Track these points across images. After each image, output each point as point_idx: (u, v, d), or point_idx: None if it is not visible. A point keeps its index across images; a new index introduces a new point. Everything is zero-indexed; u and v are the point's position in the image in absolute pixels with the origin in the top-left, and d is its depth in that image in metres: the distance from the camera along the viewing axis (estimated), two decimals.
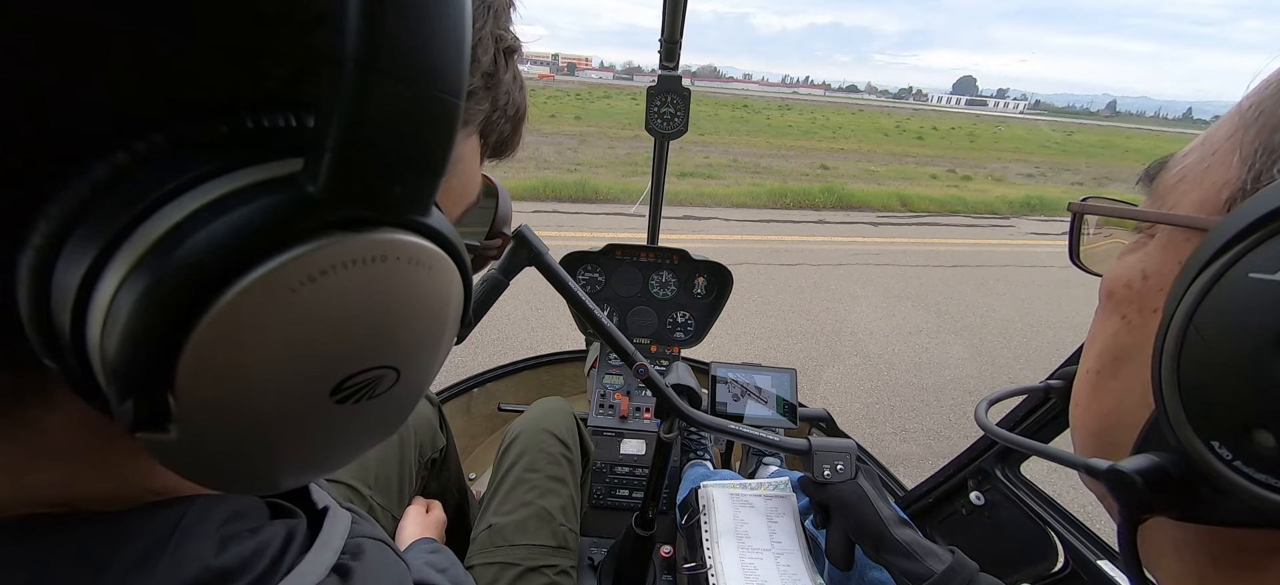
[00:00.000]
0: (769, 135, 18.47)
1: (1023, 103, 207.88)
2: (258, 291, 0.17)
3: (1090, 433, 0.29)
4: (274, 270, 0.17)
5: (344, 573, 0.28)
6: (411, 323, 0.22)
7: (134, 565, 0.21)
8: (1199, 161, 0.24)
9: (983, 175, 12.96)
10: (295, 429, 0.21)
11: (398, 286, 0.20)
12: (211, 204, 0.17)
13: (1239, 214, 0.19)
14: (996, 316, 4.28)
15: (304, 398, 0.20)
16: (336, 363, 0.20)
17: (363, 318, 0.20)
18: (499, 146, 0.33)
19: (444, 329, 0.24)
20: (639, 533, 0.99)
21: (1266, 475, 0.18)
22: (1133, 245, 0.28)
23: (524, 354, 1.75)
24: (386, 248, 0.19)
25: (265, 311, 0.17)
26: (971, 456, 1.08)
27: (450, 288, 0.23)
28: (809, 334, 3.72)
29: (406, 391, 0.25)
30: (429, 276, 0.21)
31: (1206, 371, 0.20)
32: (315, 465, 0.25)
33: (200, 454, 0.20)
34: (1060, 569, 0.95)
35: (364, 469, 0.89)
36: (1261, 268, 0.18)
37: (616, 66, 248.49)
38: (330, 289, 0.18)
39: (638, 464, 1.33)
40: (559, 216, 6.30)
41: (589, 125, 16.03)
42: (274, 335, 0.18)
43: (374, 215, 0.18)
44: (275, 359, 0.18)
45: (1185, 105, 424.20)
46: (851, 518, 0.73)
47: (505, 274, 0.68)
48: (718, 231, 6.22)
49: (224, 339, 0.17)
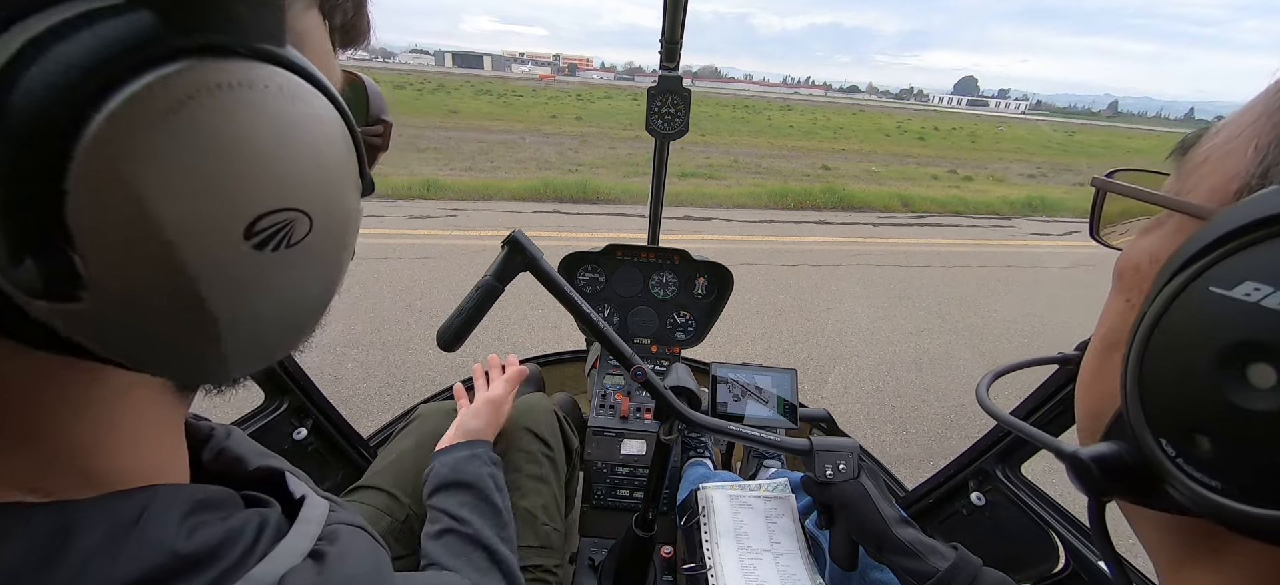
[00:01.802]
0: (770, 136, 18.47)
1: (1024, 103, 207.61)
2: (123, 119, 0.17)
3: (1087, 413, 0.29)
4: (135, 95, 0.17)
5: (319, 557, 0.28)
6: (302, 158, 0.22)
7: (96, 550, 0.21)
8: (1223, 143, 0.24)
9: (984, 176, 12.94)
10: (221, 279, 0.21)
11: (275, 118, 0.20)
12: (42, 35, 0.16)
13: (1217, 222, 0.20)
14: (998, 317, 4.27)
15: (217, 239, 0.20)
16: (237, 198, 0.20)
17: (248, 148, 0.20)
18: (347, 31, 0.33)
19: (341, 170, 0.25)
20: (639, 534, 0.98)
21: (1202, 475, 0.20)
22: (1150, 225, 0.27)
23: (524, 354, 1.75)
24: (248, 74, 0.19)
25: (138, 142, 0.17)
26: (972, 457, 1.08)
27: (332, 126, 0.24)
28: (810, 334, 3.71)
29: (326, 242, 0.25)
30: (307, 112, 0.22)
31: (1163, 373, 0.21)
32: (258, 336, 0.24)
33: (129, 324, 0.20)
34: (1060, 570, 0.95)
35: (403, 478, 0.90)
36: (1220, 282, 0.19)
37: (617, 67, 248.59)
38: (202, 115, 0.18)
39: (638, 464, 1.33)
40: (560, 217, 6.30)
41: (590, 126, 16.05)
42: (157, 167, 0.18)
43: (224, 40, 0.19)
44: (167, 195, 0.18)
45: (1187, 105, 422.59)
46: (854, 518, 0.72)
47: (499, 280, 0.67)
48: (719, 232, 6.22)
49: (104, 174, 0.17)
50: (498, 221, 5.78)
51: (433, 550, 0.69)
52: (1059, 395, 0.91)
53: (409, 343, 3.05)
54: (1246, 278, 0.18)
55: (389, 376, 2.78)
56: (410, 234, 5.07)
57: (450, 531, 0.71)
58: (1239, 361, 0.18)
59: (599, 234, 5.59)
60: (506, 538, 0.74)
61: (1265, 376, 0.17)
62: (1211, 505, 0.19)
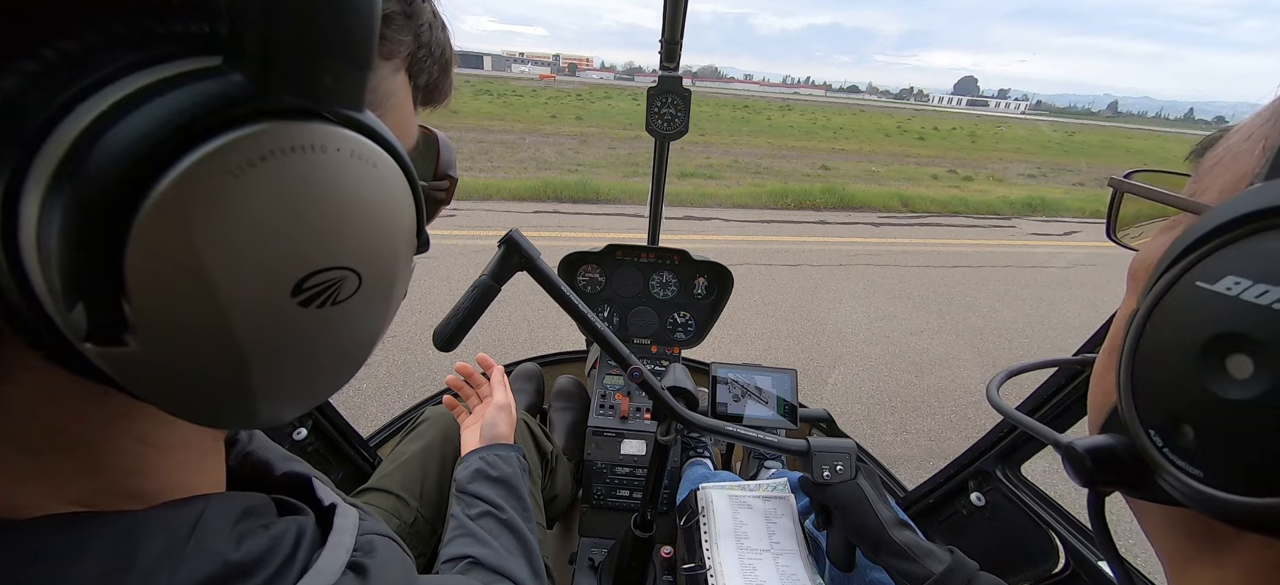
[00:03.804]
0: (770, 136, 18.46)
1: (1024, 103, 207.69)
2: (197, 176, 0.17)
3: (1098, 409, 0.29)
4: (212, 153, 0.17)
5: (360, 570, 0.28)
6: (362, 220, 0.22)
7: (158, 559, 0.22)
8: (1237, 144, 0.24)
9: (984, 176, 12.94)
10: (263, 334, 0.21)
11: (342, 180, 0.21)
12: (135, 95, 0.16)
13: (1205, 219, 0.21)
14: (998, 317, 4.27)
15: (264, 295, 0.20)
16: (292, 256, 0.20)
17: (310, 209, 0.20)
18: (430, 91, 0.35)
19: (398, 232, 0.25)
20: (638, 534, 0.98)
21: (1186, 464, 0.20)
22: (1167, 225, 0.28)
23: (524, 354, 1.75)
24: (324, 138, 0.19)
25: (208, 198, 0.17)
26: (972, 457, 1.08)
27: (397, 188, 0.24)
28: (809, 335, 3.71)
29: (372, 300, 0.25)
30: (373, 175, 0.22)
31: (1152, 366, 0.22)
32: (294, 387, 0.24)
33: (170, 371, 0.20)
34: (1060, 570, 0.95)
35: (411, 482, 0.91)
36: (1205, 277, 0.20)
37: (617, 67, 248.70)
38: (272, 176, 0.18)
39: (638, 464, 1.33)
40: (560, 217, 6.30)
41: (590, 126, 16.04)
42: (221, 223, 0.18)
43: (306, 104, 0.19)
44: (226, 250, 0.18)
45: (1187, 105, 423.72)
46: (851, 519, 0.72)
47: (496, 280, 0.67)
48: (718, 232, 6.21)
49: (169, 227, 0.17)
50: (498, 221, 5.77)
51: (471, 527, 0.73)
52: (1060, 394, 0.91)
53: (408, 342, 3.04)
54: (1229, 272, 0.19)
55: (388, 376, 2.77)
56: None
57: (488, 515, 0.74)
58: (1220, 353, 0.19)
59: (599, 234, 5.58)
60: (532, 529, 0.78)
61: (1243, 367, 0.18)
62: (1196, 494, 0.20)
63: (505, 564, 0.68)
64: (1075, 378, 0.88)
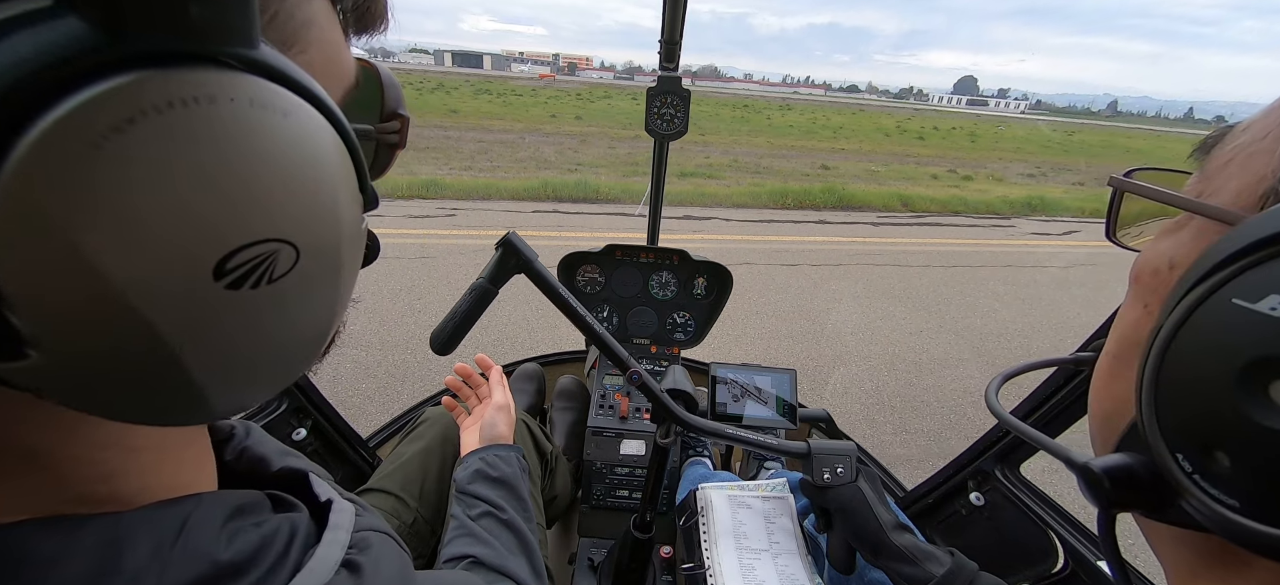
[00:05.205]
0: (769, 135, 18.47)
1: (1024, 103, 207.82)
2: (51, 150, 0.14)
3: (1101, 418, 0.28)
4: (65, 120, 0.14)
5: (354, 568, 0.28)
6: (281, 182, 0.19)
7: (145, 560, 0.21)
8: (1249, 144, 0.23)
9: (984, 175, 12.94)
10: (190, 325, 0.18)
11: (245, 136, 0.17)
12: None
13: (1241, 231, 0.19)
14: (998, 317, 4.27)
15: (180, 283, 0.17)
16: (201, 235, 0.17)
17: (208, 176, 0.17)
18: (361, 15, 0.30)
19: (331, 190, 0.21)
20: (637, 535, 0.98)
21: (1219, 492, 0.19)
22: (1171, 226, 0.26)
23: (524, 354, 1.75)
24: (207, 86, 0.16)
25: (68, 182, 0.14)
26: (971, 457, 1.08)
27: (320, 138, 0.20)
28: (809, 335, 3.71)
29: (317, 271, 0.22)
30: (285, 125, 0.19)
31: (1182, 386, 0.20)
32: (249, 372, 0.22)
33: (92, 376, 0.17)
34: (1060, 570, 0.95)
35: (411, 482, 0.90)
36: (1244, 295, 0.18)
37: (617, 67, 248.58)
38: (149, 141, 0.15)
39: (637, 464, 1.33)
40: (559, 217, 6.30)
41: (590, 125, 16.04)
42: (95, 209, 0.15)
43: (180, 47, 0.16)
44: (113, 239, 0.15)
45: (1186, 105, 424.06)
46: (850, 522, 0.72)
47: (493, 282, 0.66)
48: (718, 232, 6.21)
49: (29, 226, 0.14)
50: (497, 221, 5.77)
51: (471, 527, 0.72)
52: (1058, 395, 0.91)
53: (408, 342, 3.04)
54: (1273, 291, 0.17)
55: (388, 376, 2.77)
56: (409, 233, 5.07)
57: (489, 515, 0.74)
58: (1262, 378, 0.17)
59: (598, 234, 5.58)
60: (532, 529, 0.78)
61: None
62: (1229, 524, 0.19)
63: (506, 563, 0.68)
64: (1073, 378, 0.88)
